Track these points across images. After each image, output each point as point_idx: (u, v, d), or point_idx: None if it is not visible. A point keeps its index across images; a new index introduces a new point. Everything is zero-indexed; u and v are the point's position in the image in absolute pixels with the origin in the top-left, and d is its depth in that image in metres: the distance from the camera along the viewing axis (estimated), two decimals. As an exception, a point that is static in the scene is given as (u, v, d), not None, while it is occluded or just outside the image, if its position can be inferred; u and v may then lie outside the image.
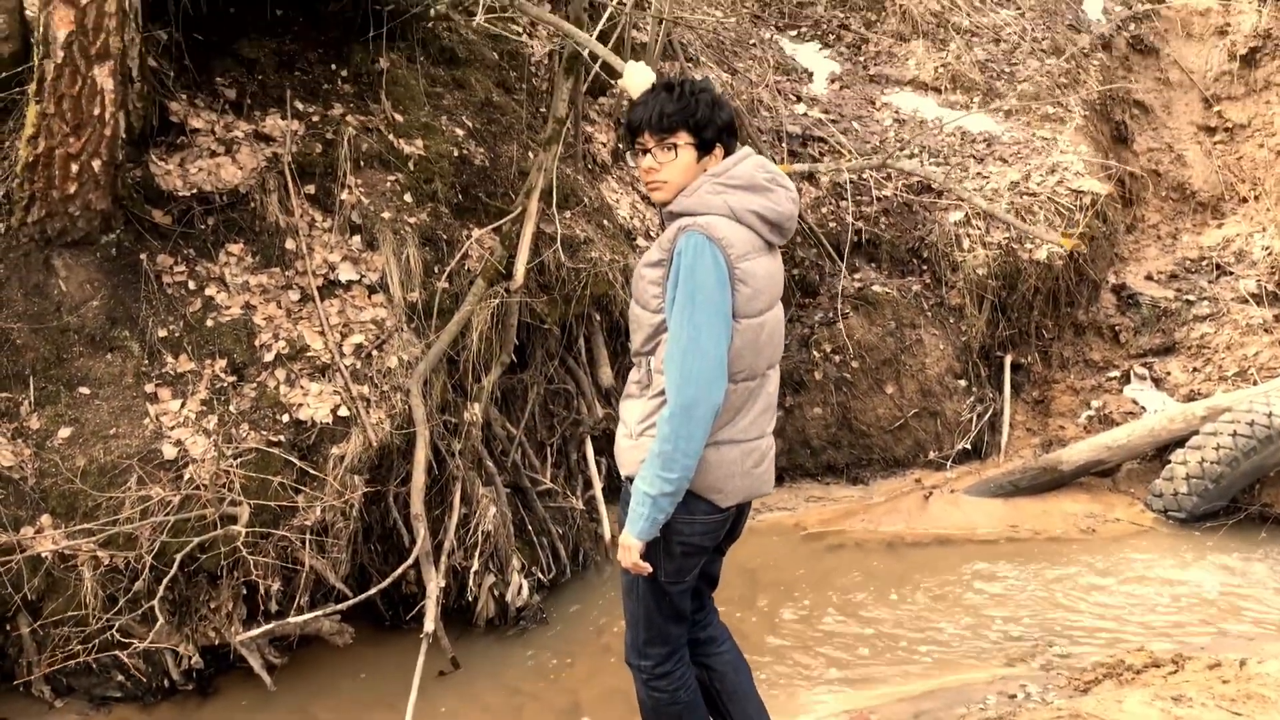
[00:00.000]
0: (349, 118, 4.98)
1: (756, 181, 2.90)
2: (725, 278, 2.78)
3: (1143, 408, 6.35)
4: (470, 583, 4.59)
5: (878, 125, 7.49)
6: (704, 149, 2.95)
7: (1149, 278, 7.26)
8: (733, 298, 2.80)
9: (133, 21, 4.12)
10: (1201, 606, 4.91)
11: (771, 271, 2.94)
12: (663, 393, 2.85)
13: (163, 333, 4.22)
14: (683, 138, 2.92)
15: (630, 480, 2.96)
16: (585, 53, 5.33)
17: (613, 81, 6.16)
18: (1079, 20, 8.66)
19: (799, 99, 7.54)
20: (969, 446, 6.35)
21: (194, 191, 4.52)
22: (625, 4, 6.16)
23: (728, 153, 2.98)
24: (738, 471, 2.94)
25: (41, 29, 3.83)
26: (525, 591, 4.71)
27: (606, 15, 5.97)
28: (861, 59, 8.07)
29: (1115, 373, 6.64)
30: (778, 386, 3.11)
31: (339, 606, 4.11)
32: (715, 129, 2.94)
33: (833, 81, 7.86)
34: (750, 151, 2.99)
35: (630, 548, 2.91)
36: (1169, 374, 6.56)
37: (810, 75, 7.87)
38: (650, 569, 2.94)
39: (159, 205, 4.43)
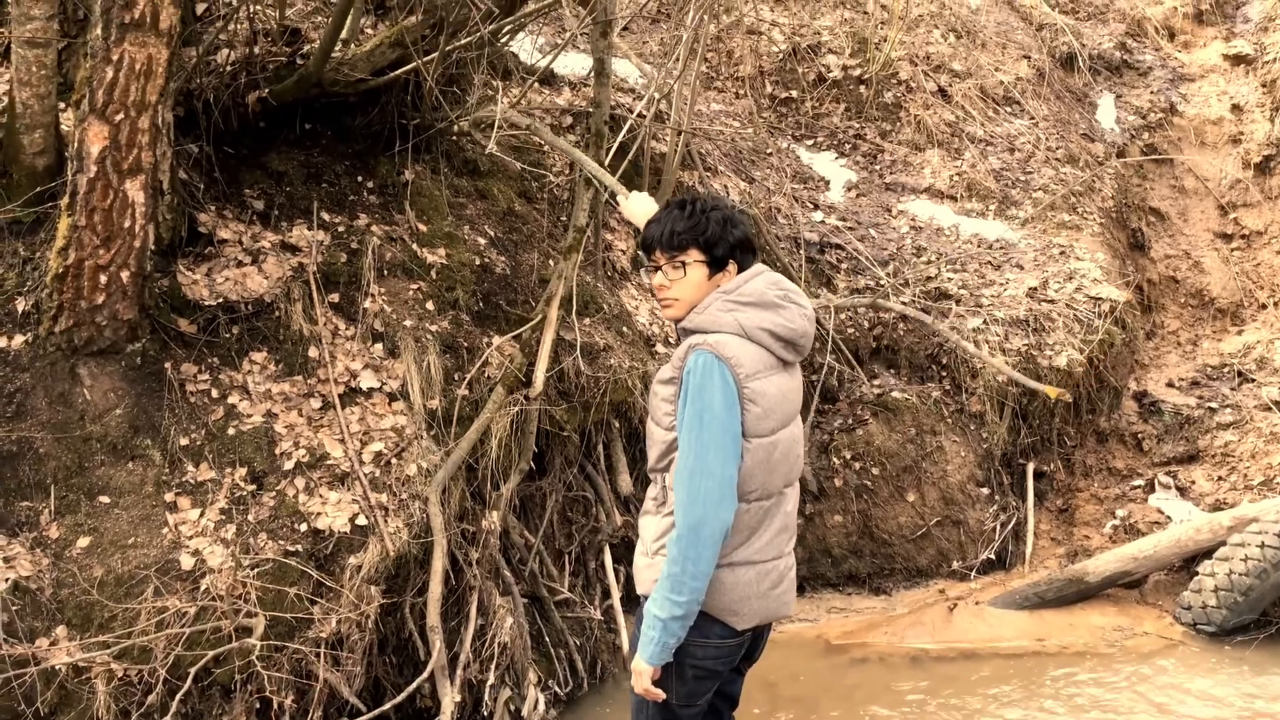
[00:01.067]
0: (374, 227, 5.07)
1: (768, 299, 2.90)
2: (734, 397, 2.76)
3: (1168, 517, 6.26)
4: (486, 697, 4.51)
5: (894, 232, 7.56)
6: (715, 266, 2.96)
7: (1170, 385, 7.23)
8: (742, 417, 2.77)
9: (165, 136, 4.22)
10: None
11: (785, 390, 2.91)
12: None
13: (184, 441, 4.23)
14: (693, 255, 2.94)
15: (645, 599, 2.93)
16: (606, 158, 5.44)
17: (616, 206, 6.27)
18: (1093, 130, 8.79)
19: (816, 206, 7.64)
20: (993, 556, 6.27)
21: (220, 301, 4.58)
22: (645, 116, 6.29)
23: (742, 269, 2.98)
24: (754, 594, 2.89)
25: (76, 144, 3.92)
26: (541, 706, 4.62)
27: (626, 127, 6.10)
28: (877, 167, 8.19)
29: (1139, 481, 6.56)
30: (796, 505, 3.07)
31: (353, 722, 4.04)
32: (727, 246, 2.95)
33: (849, 189, 7.96)
34: (764, 269, 2.99)
35: (641, 673, 2.86)
36: (1194, 482, 6.49)
37: (827, 183, 7.98)
38: (662, 695, 2.88)
39: (185, 314, 4.48)
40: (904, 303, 6.49)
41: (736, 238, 2.96)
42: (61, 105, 4.45)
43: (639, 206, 3.66)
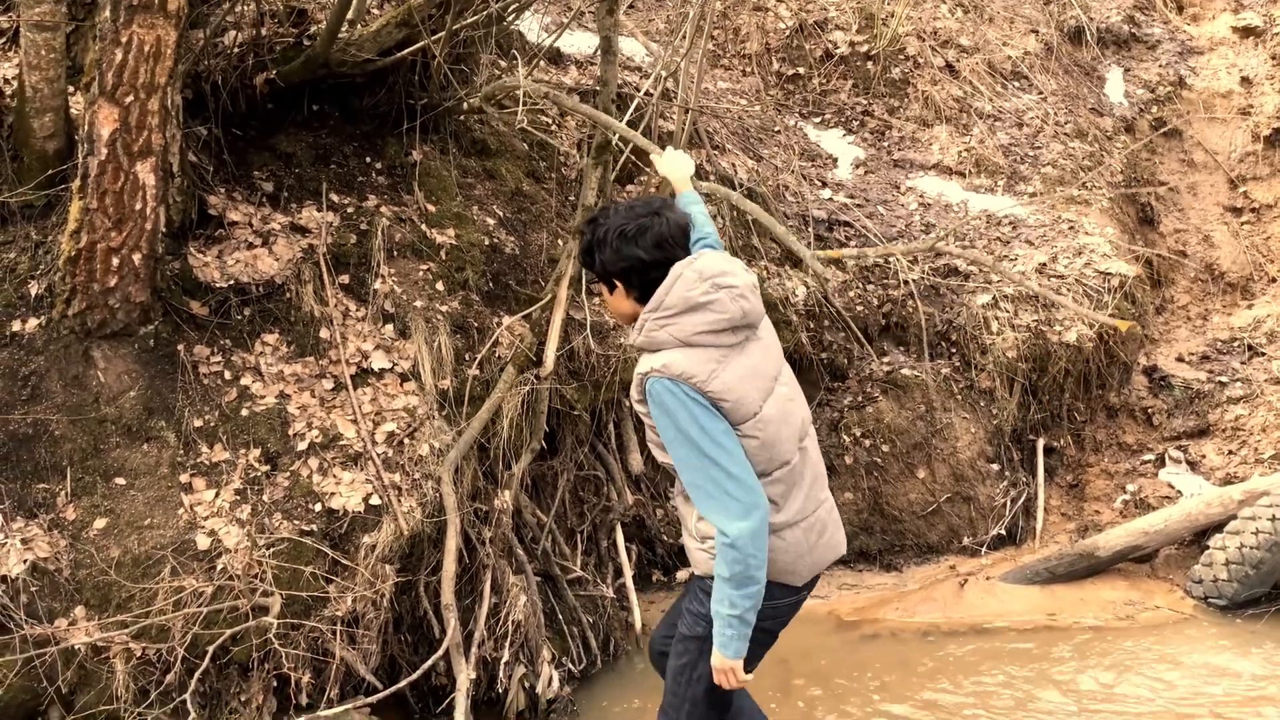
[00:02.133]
0: (383, 208, 5.07)
1: (692, 301, 2.80)
2: (704, 405, 2.73)
3: (1179, 492, 6.27)
4: (500, 674, 4.54)
5: (903, 209, 7.54)
6: (612, 288, 2.92)
7: (1180, 359, 7.21)
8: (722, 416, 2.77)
9: (174, 118, 4.23)
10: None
11: (751, 366, 2.86)
12: None
13: (198, 422, 4.25)
14: (595, 278, 2.93)
15: (696, 577, 2.95)
16: (615, 139, 5.42)
17: (648, 170, 6.26)
18: (1101, 104, 8.74)
19: (824, 184, 7.62)
20: (1003, 532, 6.27)
21: (231, 283, 4.59)
22: (651, 94, 6.28)
23: (648, 283, 2.85)
24: (805, 550, 2.93)
25: (86, 126, 3.93)
26: (555, 683, 4.65)
27: (634, 106, 6.09)
28: (885, 144, 8.16)
29: (1149, 456, 6.56)
30: (819, 453, 3.06)
31: (370, 699, 4.07)
32: (609, 274, 2.87)
33: (857, 167, 7.93)
34: (680, 270, 2.85)
35: (727, 670, 2.84)
36: (1204, 457, 6.48)
37: (835, 161, 7.95)
38: (751, 678, 2.89)
39: (197, 297, 4.50)
40: (962, 248, 6.34)
41: (612, 266, 2.86)
42: (71, 89, 4.46)
43: (674, 164, 3.56)
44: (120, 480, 4.08)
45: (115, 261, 4.09)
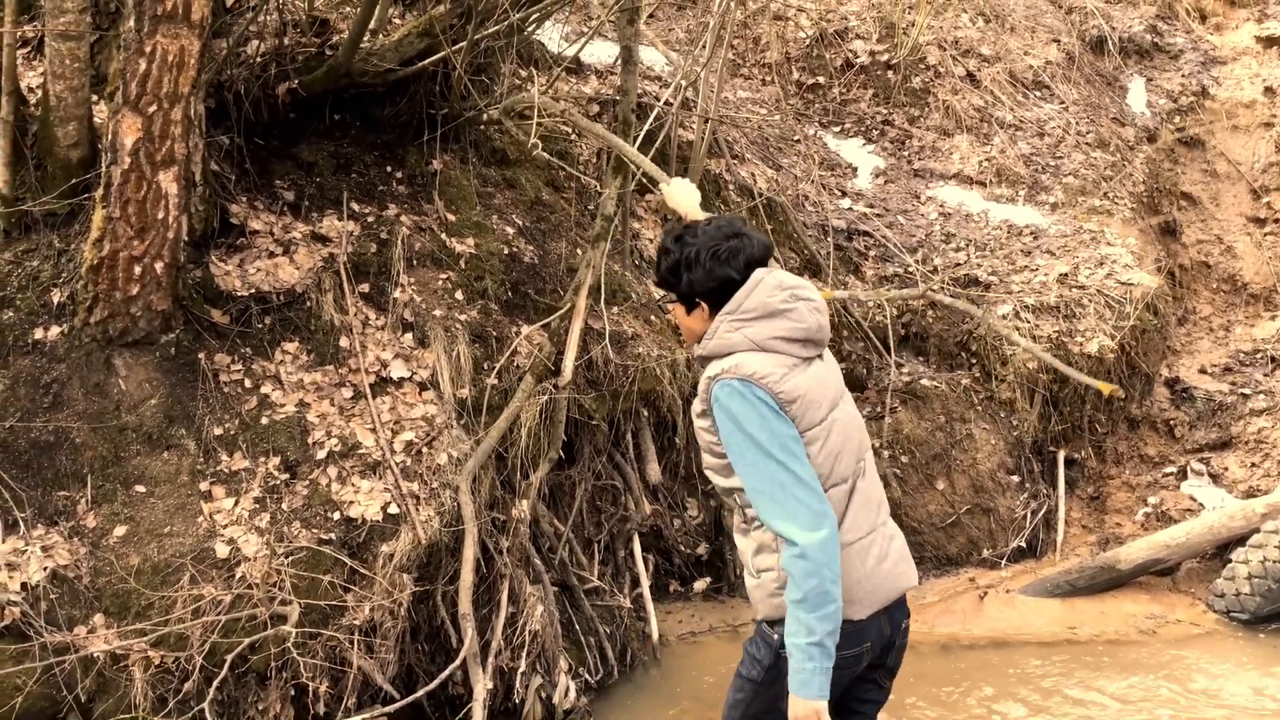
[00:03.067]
0: (403, 218, 5.08)
1: (771, 307, 2.78)
2: (772, 406, 2.68)
3: (1201, 504, 6.22)
4: (517, 684, 4.53)
5: (923, 219, 7.52)
6: (690, 306, 2.89)
7: (1202, 371, 7.16)
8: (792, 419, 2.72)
9: (197, 128, 4.25)
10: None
11: (820, 377, 2.82)
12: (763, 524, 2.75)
13: (218, 431, 4.27)
14: (670, 296, 2.91)
15: (760, 622, 2.84)
16: (632, 164, 5.43)
17: (656, 191, 6.27)
18: (1123, 114, 8.70)
19: (844, 193, 7.60)
20: (1023, 544, 6.23)
21: (252, 291, 4.60)
22: (671, 103, 6.28)
23: (723, 298, 2.84)
24: (861, 574, 2.76)
25: (109, 136, 3.95)
26: (572, 693, 4.63)
27: (653, 115, 6.10)
28: (905, 154, 8.14)
29: (1171, 468, 6.51)
30: (878, 480, 2.97)
31: (387, 709, 4.07)
32: (692, 292, 2.85)
33: (877, 176, 7.92)
34: (761, 277, 2.83)
35: (814, 713, 2.64)
36: (1226, 469, 6.43)
37: (855, 170, 7.94)
38: None
39: (218, 305, 4.51)
40: (951, 295, 6.28)
41: (701, 285, 2.84)
42: (95, 98, 4.48)
43: (681, 194, 3.56)
44: (140, 488, 4.10)
45: (137, 270, 4.11)
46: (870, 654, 2.85)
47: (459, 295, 5.01)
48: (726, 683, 4.12)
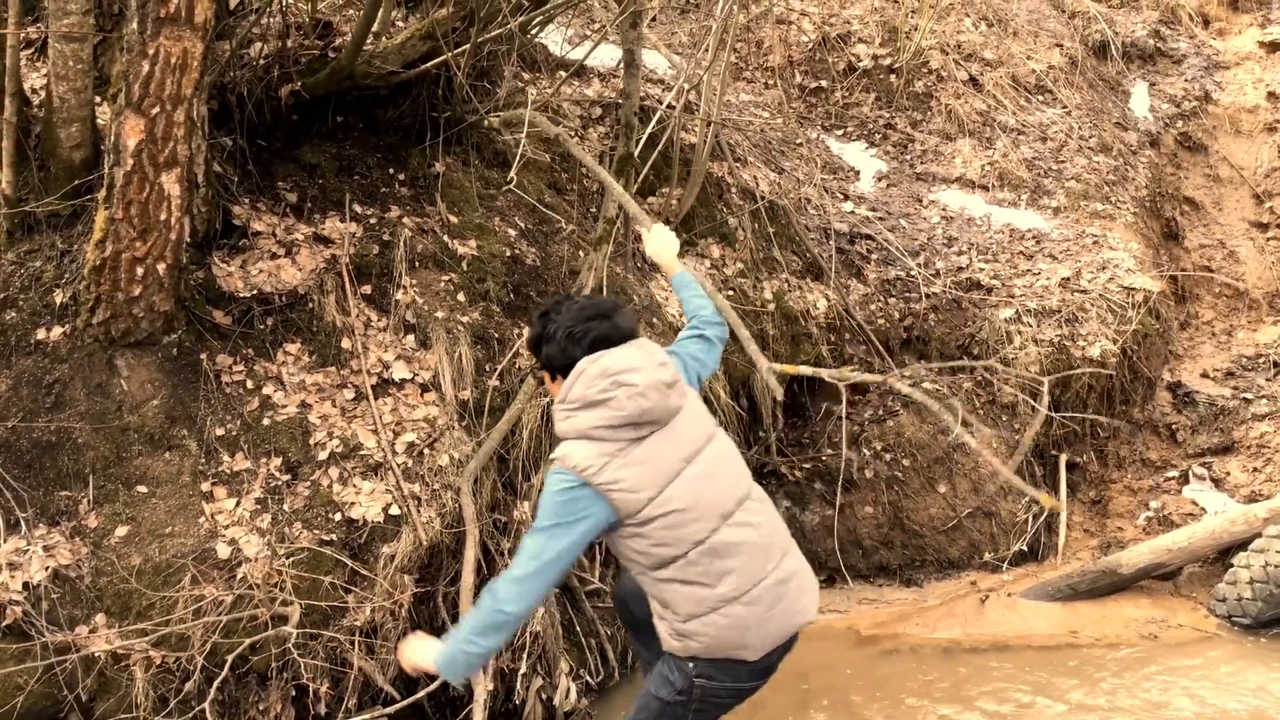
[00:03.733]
0: (405, 220, 5.09)
1: (589, 398, 2.91)
2: (567, 509, 2.87)
3: (1203, 509, 6.21)
4: (518, 685, 4.54)
5: (925, 222, 7.52)
6: (554, 378, 3.06)
7: (1205, 375, 7.15)
8: (609, 508, 2.88)
9: (199, 129, 4.26)
10: None
11: (656, 454, 2.92)
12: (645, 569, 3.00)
13: (220, 431, 4.27)
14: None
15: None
16: (635, 147, 5.43)
17: (668, 184, 6.27)
18: (1126, 118, 8.70)
19: (846, 197, 7.60)
20: (1025, 548, 6.23)
21: (254, 292, 4.61)
22: (674, 107, 6.28)
23: (567, 372, 3.00)
24: (752, 623, 2.96)
25: (112, 137, 3.96)
26: (573, 695, 4.63)
27: (656, 118, 6.10)
28: (908, 157, 8.14)
29: (1173, 473, 6.51)
30: (774, 521, 3.10)
31: (387, 710, 4.07)
32: (549, 366, 3.05)
33: (880, 180, 7.92)
34: (584, 368, 2.95)
35: (424, 666, 3.00)
36: (1228, 474, 6.42)
37: (857, 174, 7.94)
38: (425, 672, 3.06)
39: (220, 306, 4.52)
40: (908, 383, 5.78)
41: (555, 362, 3.01)
42: (98, 99, 4.50)
43: (661, 245, 3.67)
44: (142, 488, 4.10)
45: (140, 271, 4.12)
46: (758, 684, 3.14)
47: (461, 297, 5.01)
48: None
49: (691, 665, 3.03)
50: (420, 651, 3.04)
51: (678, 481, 2.93)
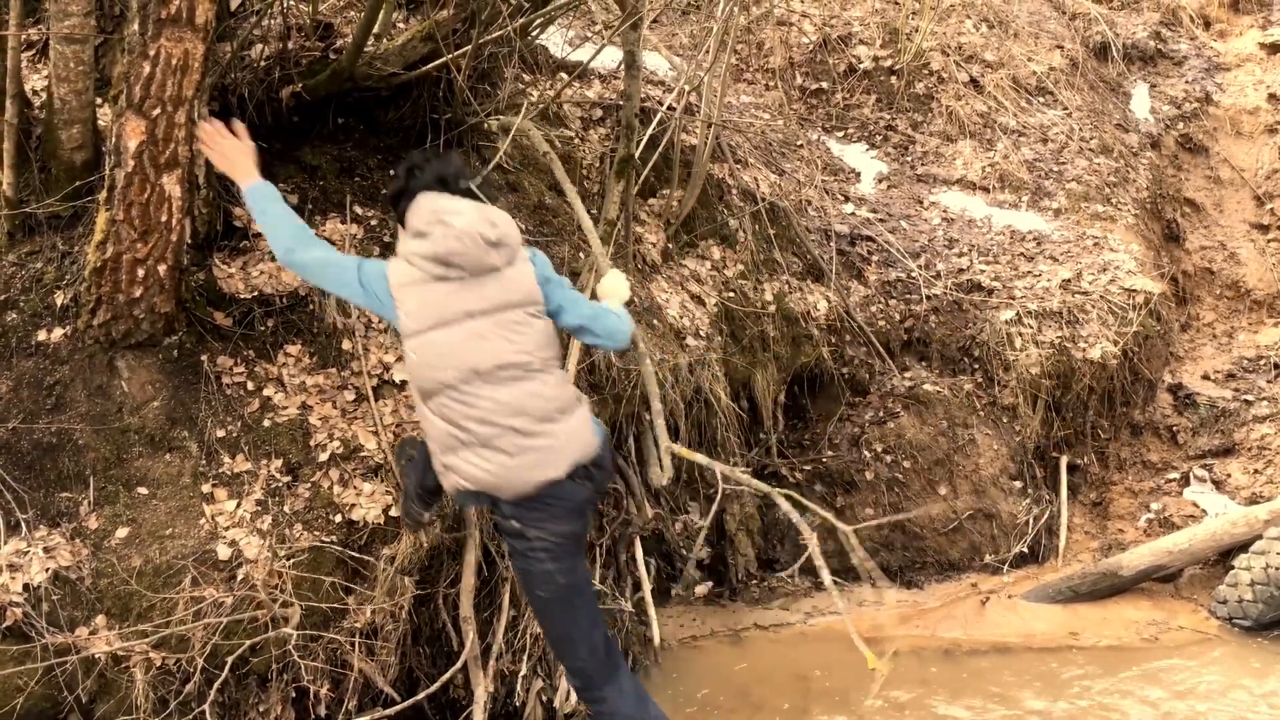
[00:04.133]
0: (406, 221, 5.08)
1: (417, 228, 3.42)
2: (369, 279, 3.47)
3: (1204, 511, 6.21)
4: (518, 687, 4.54)
5: (926, 224, 7.52)
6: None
7: (1206, 377, 7.16)
8: (394, 311, 3.43)
9: (201, 131, 4.25)
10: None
11: (444, 297, 3.37)
12: None
13: (220, 433, 4.27)
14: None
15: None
16: (637, 149, 5.42)
17: (668, 185, 6.27)
18: (1126, 120, 8.70)
19: (847, 198, 7.61)
20: (1025, 550, 6.23)
21: (255, 294, 4.61)
22: (675, 108, 6.28)
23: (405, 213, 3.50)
24: (495, 468, 3.34)
25: (113, 139, 3.96)
26: (573, 697, 4.63)
27: (657, 120, 6.10)
28: (909, 159, 8.14)
29: (1174, 474, 6.51)
30: (552, 390, 3.46)
31: (388, 711, 4.08)
32: (400, 215, 3.53)
33: (880, 181, 7.92)
34: (422, 202, 3.44)
35: (231, 166, 3.81)
36: (1229, 476, 6.43)
37: (858, 175, 7.95)
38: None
39: (220, 307, 4.52)
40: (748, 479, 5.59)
41: (400, 209, 3.52)
42: (99, 100, 4.49)
43: (612, 288, 3.89)
44: (143, 490, 4.10)
45: (140, 272, 4.11)
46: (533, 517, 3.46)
47: (461, 299, 5.00)
48: (728, 687, 4.16)
49: (460, 498, 3.53)
50: (243, 165, 3.74)
51: (449, 328, 3.36)
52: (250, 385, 4.43)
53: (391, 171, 3.52)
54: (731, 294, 6.22)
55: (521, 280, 3.50)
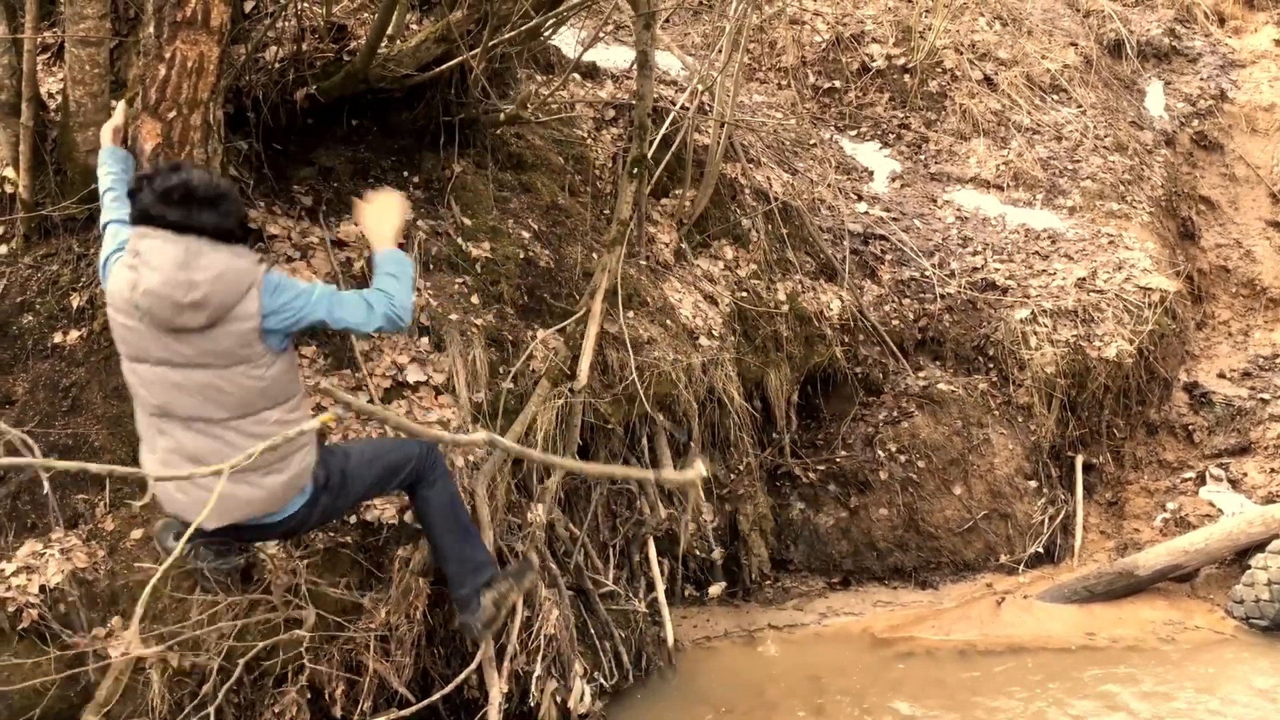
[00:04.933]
0: (419, 222, 5.09)
1: (133, 248, 3.12)
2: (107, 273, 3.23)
3: (1220, 510, 6.18)
4: (532, 688, 4.53)
5: (939, 223, 7.50)
6: None
7: (1221, 376, 7.12)
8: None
9: (216, 133, 4.25)
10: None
11: (128, 333, 3.12)
12: None
13: (235, 434, 4.27)
14: None
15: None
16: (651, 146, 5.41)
17: (681, 185, 6.26)
18: (1141, 117, 8.66)
19: (860, 197, 7.59)
20: (1041, 550, 6.21)
21: (269, 296, 4.61)
22: (687, 108, 6.28)
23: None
24: (166, 500, 3.30)
25: (129, 141, 3.97)
26: (587, 697, 4.63)
27: (669, 119, 6.10)
28: (922, 157, 8.12)
29: (1190, 473, 6.48)
30: (200, 442, 3.20)
31: (403, 712, 4.08)
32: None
33: (893, 180, 7.90)
34: (137, 230, 3.10)
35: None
36: (1245, 475, 6.39)
37: (871, 174, 7.92)
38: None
39: (235, 309, 4.52)
40: None
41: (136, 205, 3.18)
42: (114, 103, 4.50)
43: (378, 216, 3.61)
44: (158, 491, 4.11)
45: (156, 274, 4.12)
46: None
47: (475, 299, 5.02)
48: (742, 688, 4.17)
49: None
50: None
51: (148, 366, 3.16)
52: (265, 387, 4.42)
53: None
54: (744, 294, 6.21)
55: (221, 341, 3.14)
